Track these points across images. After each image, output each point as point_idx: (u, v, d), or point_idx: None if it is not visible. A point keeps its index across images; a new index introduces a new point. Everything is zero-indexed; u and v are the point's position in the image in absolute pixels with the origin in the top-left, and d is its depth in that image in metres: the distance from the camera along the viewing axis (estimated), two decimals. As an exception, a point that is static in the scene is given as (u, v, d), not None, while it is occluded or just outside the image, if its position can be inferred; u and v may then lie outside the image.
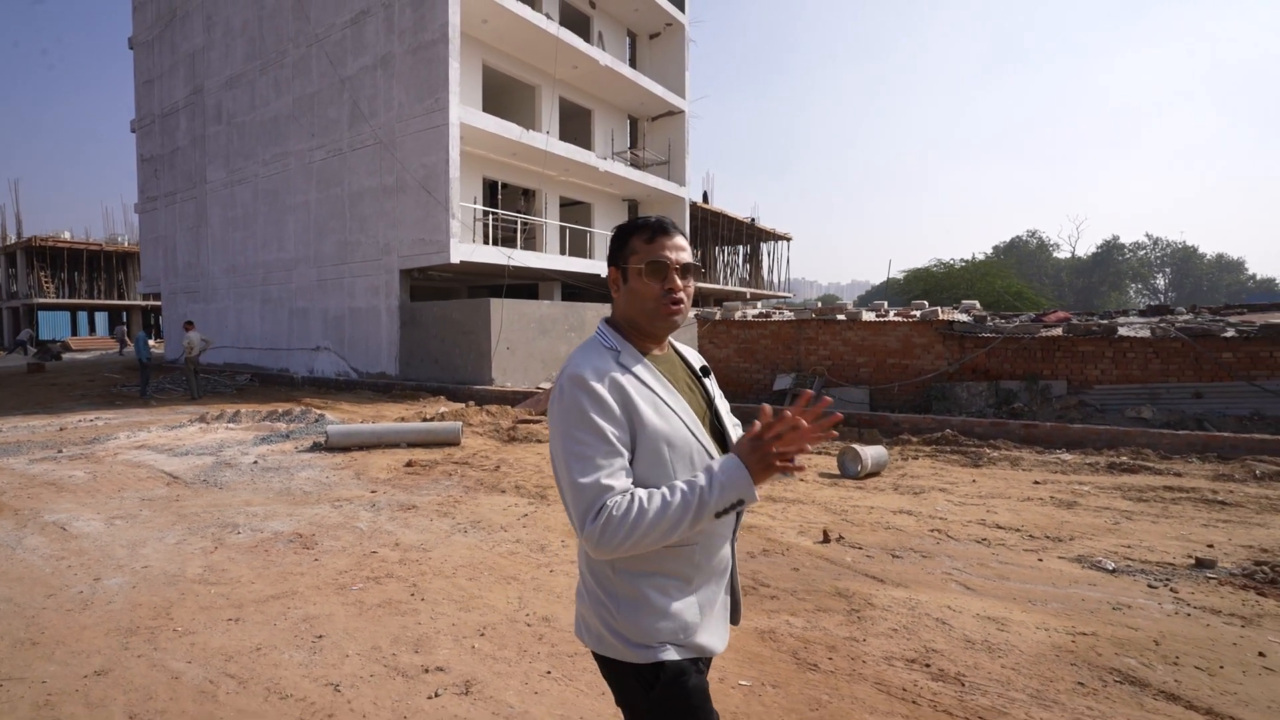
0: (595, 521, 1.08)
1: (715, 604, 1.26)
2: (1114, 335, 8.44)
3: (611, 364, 1.21)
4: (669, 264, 1.23)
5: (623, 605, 1.19)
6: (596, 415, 1.13)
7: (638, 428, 1.17)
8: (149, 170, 21.18)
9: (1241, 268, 69.69)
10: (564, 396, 1.17)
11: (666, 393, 1.23)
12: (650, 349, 1.29)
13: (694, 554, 1.21)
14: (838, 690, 2.46)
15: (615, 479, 1.11)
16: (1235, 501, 5.27)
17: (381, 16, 13.99)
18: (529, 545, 4.14)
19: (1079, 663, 2.68)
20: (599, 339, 1.27)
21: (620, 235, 1.30)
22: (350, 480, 5.99)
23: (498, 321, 12.64)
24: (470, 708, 2.33)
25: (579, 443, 1.12)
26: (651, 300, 1.23)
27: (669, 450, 1.18)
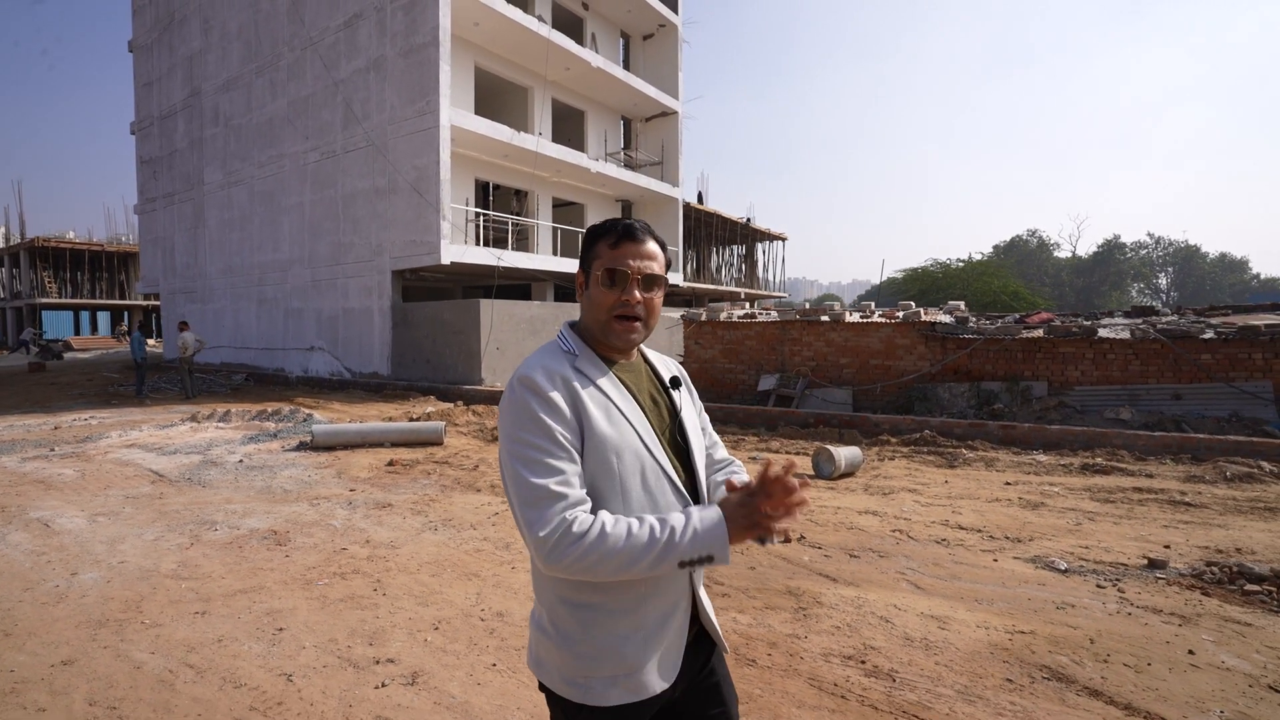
0: (547, 531, 1.01)
1: (665, 638, 1.14)
2: (1094, 337, 8.51)
3: (566, 367, 1.14)
4: (629, 273, 1.14)
5: (562, 635, 1.12)
6: (546, 416, 1.07)
7: (587, 433, 1.10)
8: (148, 172, 21.34)
9: (1245, 267, 69.55)
10: (512, 397, 1.11)
11: (622, 400, 1.16)
12: (613, 356, 1.21)
13: (642, 584, 1.11)
14: (770, 685, 2.55)
15: (568, 486, 1.04)
16: (1201, 503, 5.35)
17: (374, 20, 14.11)
18: (495, 543, 4.24)
19: (1011, 660, 2.77)
20: (558, 342, 1.21)
21: (589, 236, 1.22)
22: (331, 479, 6.10)
23: (487, 322, 12.74)
24: (414, 697, 2.43)
25: (528, 446, 1.06)
26: (604, 311, 1.16)
27: (617, 461, 1.11)
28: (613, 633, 1.10)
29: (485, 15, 14.48)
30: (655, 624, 1.12)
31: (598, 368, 1.17)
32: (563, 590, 1.12)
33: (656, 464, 1.15)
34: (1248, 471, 6.18)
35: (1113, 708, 2.44)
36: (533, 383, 1.09)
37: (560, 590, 1.12)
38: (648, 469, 1.13)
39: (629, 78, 18.55)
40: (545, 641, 1.15)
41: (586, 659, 1.11)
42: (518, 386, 1.11)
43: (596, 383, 1.14)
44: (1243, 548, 4.26)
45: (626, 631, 1.11)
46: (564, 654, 1.12)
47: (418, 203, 13.39)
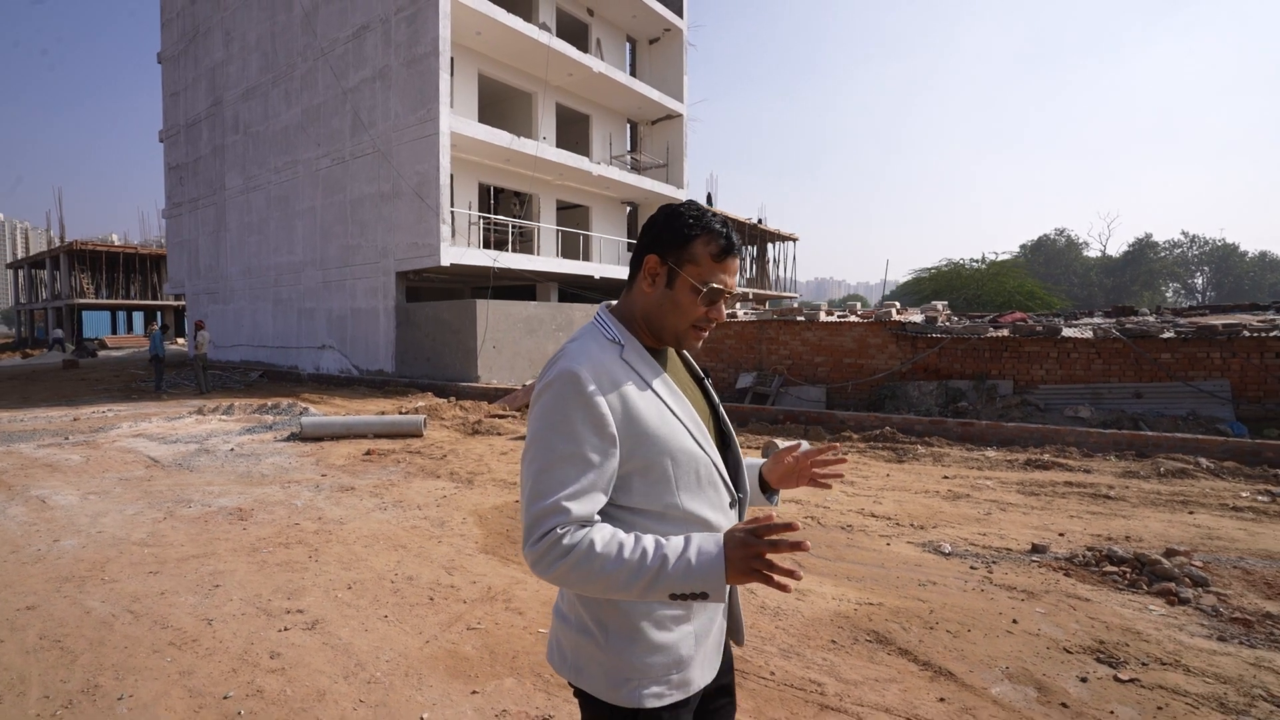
0: (538, 544, 0.98)
1: (710, 634, 1.14)
2: (1058, 336, 8.66)
3: (614, 360, 1.08)
4: (725, 293, 1.11)
5: (613, 637, 1.07)
6: (581, 423, 1.01)
7: (638, 440, 1.04)
8: (175, 178, 22.38)
9: (1287, 265, 67.32)
10: (550, 393, 1.03)
11: (672, 398, 1.11)
12: (655, 346, 1.16)
13: None
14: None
15: (576, 502, 0.99)
16: (1121, 496, 5.55)
17: (380, 31, 14.73)
18: (432, 521, 4.68)
19: (845, 626, 3.09)
20: (600, 329, 1.13)
21: (682, 228, 1.11)
22: (309, 466, 6.61)
23: (483, 322, 13.25)
24: (306, 638, 2.86)
25: (551, 451, 1.01)
26: (688, 321, 1.11)
27: (672, 465, 1.06)
28: (668, 630, 1.07)
29: (486, 25, 15.01)
30: (704, 624, 1.11)
31: (647, 362, 1.11)
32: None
33: (711, 462, 1.12)
34: (1182, 468, 6.34)
35: (913, 664, 2.76)
36: (576, 381, 1.02)
37: None
38: (701, 467, 1.10)
39: (632, 82, 18.94)
40: (586, 644, 1.09)
41: (640, 659, 1.06)
42: (558, 382, 1.03)
43: (647, 380, 1.09)
44: (1132, 536, 4.49)
45: (680, 629, 1.08)
46: (613, 656, 1.07)
47: (419, 207, 13.96)
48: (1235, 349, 7.88)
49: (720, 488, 1.13)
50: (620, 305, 1.17)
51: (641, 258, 1.13)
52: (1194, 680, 2.60)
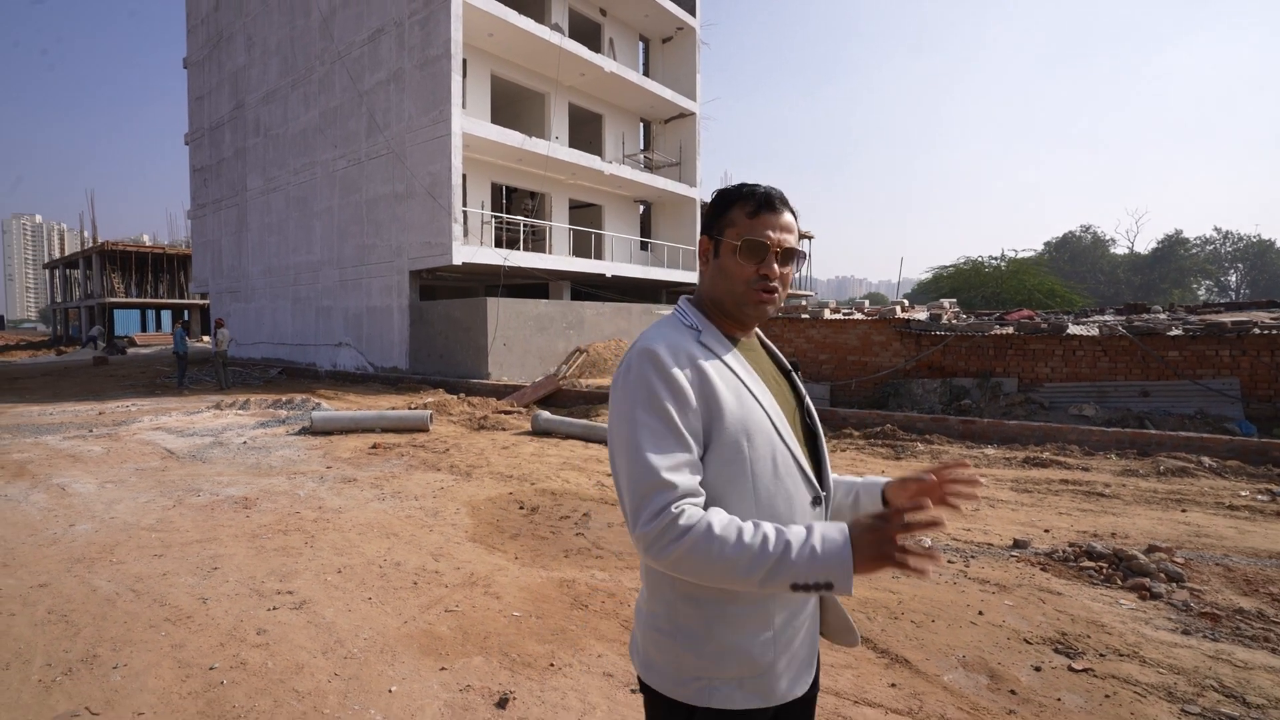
0: (653, 523, 0.94)
1: (797, 638, 1.07)
2: (1062, 334, 8.58)
3: (691, 342, 1.06)
4: (769, 245, 1.07)
5: (685, 633, 1.04)
6: (666, 397, 0.99)
7: (714, 416, 1.01)
8: (199, 180, 22.98)
9: (1326, 262, 65.37)
10: (630, 374, 1.03)
11: (751, 380, 1.08)
12: (735, 334, 1.14)
13: None
14: (587, 623, 3.04)
15: (680, 475, 0.96)
16: (1116, 494, 5.53)
17: (394, 34, 15.00)
18: (427, 511, 4.83)
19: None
20: (678, 316, 1.13)
21: (720, 201, 1.13)
22: (316, 458, 6.82)
23: (494, 320, 13.45)
24: (292, 616, 3.02)
25: (642, 427, 0.98)
26: (741, 283, 1.08)
27: (748, 445, 1.02)
28: (740, 631, 1.03)
29: (498, 26, 15.21)
30: (782, 623, 1.05)
31: (723, 345, 1.09)
32: (685, 585, 1.03)
33: (788, 449, 1.06)
34: (1183, 467, 6.28)
35: (872, 652, 2.83)
36: (656, 358, 1.01)
37: (682, 585, 1.04)
38: (778, 455, 1.05)
39: (643, 81, 19.04)
40: (661, 640, 1.06)
41: (710, 659, 1.03)
42: (638, 362, 1.03)
43: (724, 360, 1.07)
44: (1119, 533, 4.49)
45: (754, 630, 1.03)
46: (685, 653, 1.03)
47: (432, 206, 14.21)
48: (1245, 347, 7.76)
49: (800, 482, 1.07)
50: (695, 296, 1.18)
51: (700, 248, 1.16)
52: (1148, 671, 2.64)
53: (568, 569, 3.71)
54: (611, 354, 14.86)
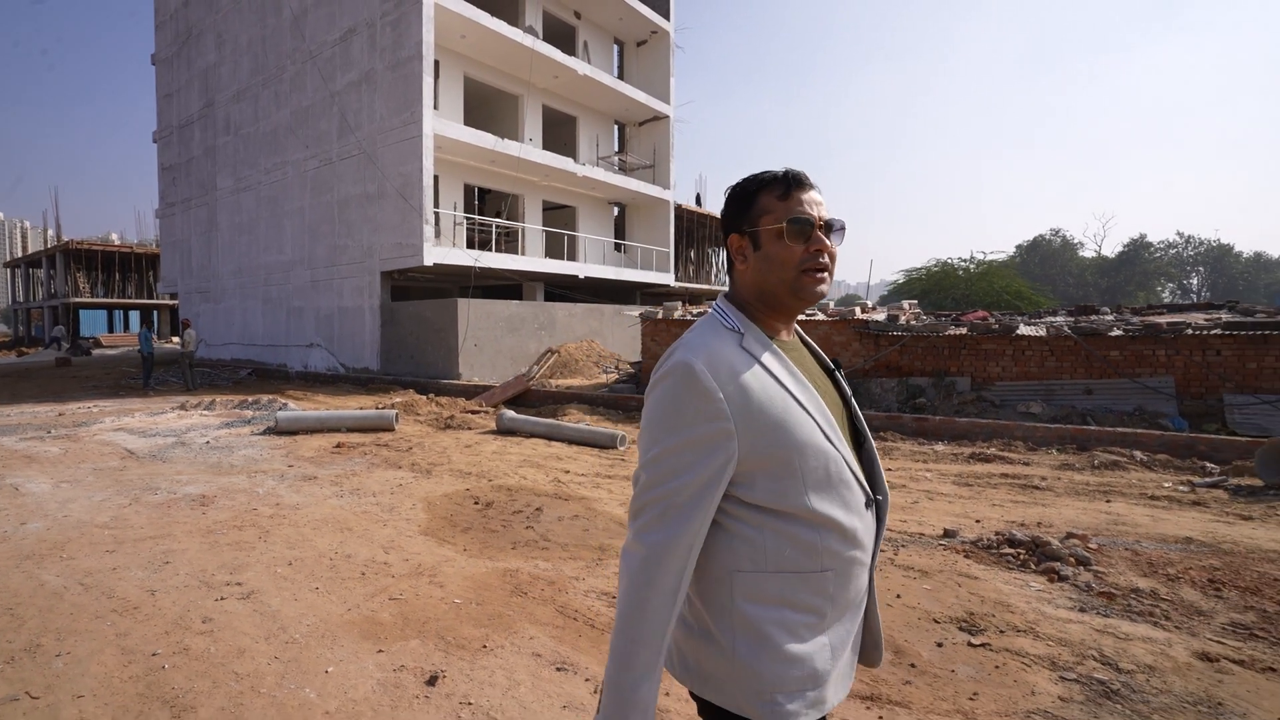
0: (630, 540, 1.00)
1: (846, 647, 1.08)
2: (1012, 334, 8.91)
3: (733, 349, 1.02)
4: (814, 221, 1.04)
5: (740, 643, 1.00)
6: (694, 417, 0.97)
7: (759, 431, 0.98)
8: (168, 178, 22.65)
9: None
10: (664, 385, 1.00)
11: (799, 388, 1.03)
12: (779, 332, 1.11)
13: (828, 583, 1.02)
14: (524, 609, 3.18)
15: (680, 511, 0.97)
16: (1049, 487, 5.80)
17: (366, 35, 14.99)
18: (383, 507, 4.94)
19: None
20: (719, 318, 1.08)
21: (744, 194, 1.09)
22: (278, 457, 6.87)
23: (464, 320, 13.51)
24: (238, 606, 3.13)
25: (660, 444, 0.99)
26: (793, 267, 1.04)
27: (799, 460, 0.99)
28: (801, 640, 1.01)
29: (471, 29, 15.27)
30: (840, 635, 1.06)
31: (769, 350, 1.05)
32: (745, 592, 1.01)
33: (840, 456, 1.04)
34: (1115, 460, 6.60)
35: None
36: (691, 373, 0.98)
37: (741, 592, 1.01)
38: (831, 464, 1.02)
39: (617, 84, 19.19)
40: (710, 651, 1.03)
41: (773, 670, 0.99)
42: (673, 374, 1.00)
43: (770, 369, 1.02)
44: (1044, 522, 4.74)
45: (815, 639, 1.02)
46: (743, 666, 1.00)
47: (403, 207, 14.22)
48: (1179, 346, 8.13)
49: (854, 487, 1.05)
50: (731, 295, 1.12)
51: (728, 245, 1.11)
52: (1039, 644, 2.86)
53: (513, 559, 3.85)
54: (583, 354, 15.00)
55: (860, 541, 1.05)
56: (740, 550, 1.01)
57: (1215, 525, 4.68)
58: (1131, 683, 2.54)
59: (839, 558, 1.02)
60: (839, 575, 1.02)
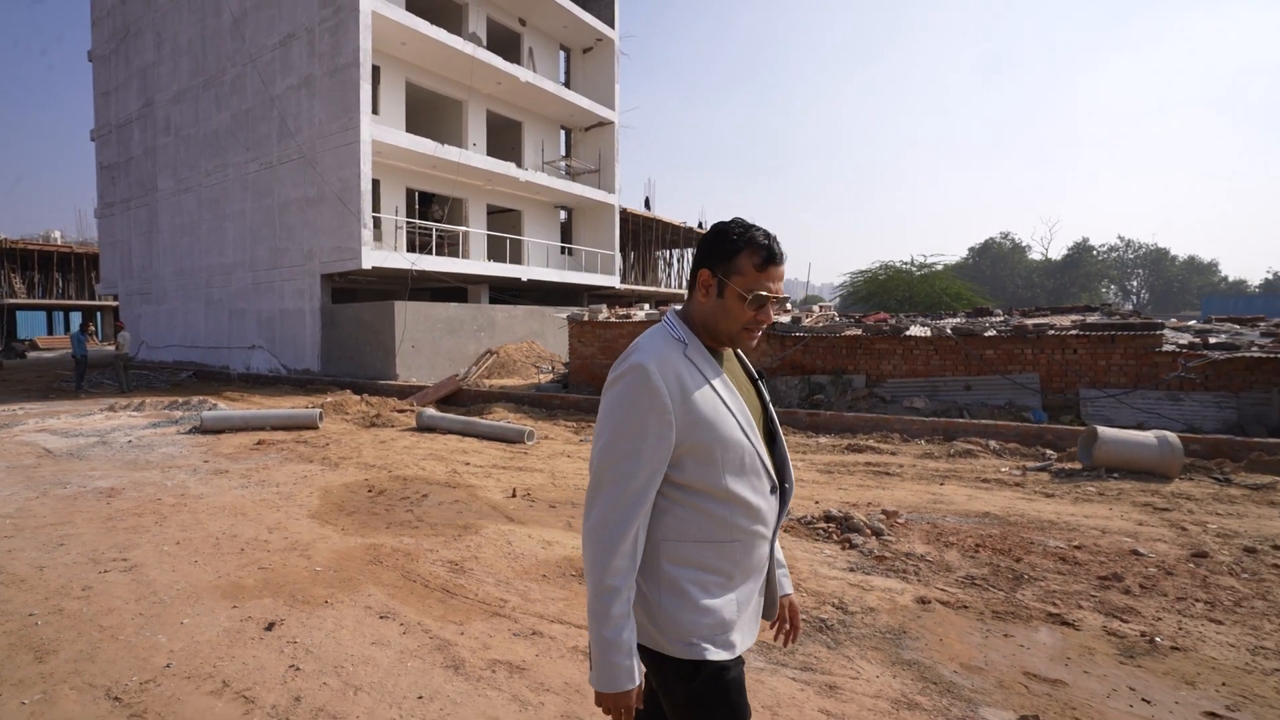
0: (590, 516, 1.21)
1: (751, 602, 1.31)
2: (901, 335, 9.69)
3: (678, 357, 1.24)
4: (769, 300, 1.26)
5: (665, 597, 1.24)
6: (645, 410, 1.19)
7: (691, 424, 1.20)
8: (107, 178, 22.34)
9: (1213, 270, 71.42)
10: (623, 382, 1.22)
11: (727, 393, 1.27)
12: (717, 348, 1.32)
13: (735, 551, 1.26)
14: (374, 574, 3.68)
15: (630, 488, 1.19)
16: (900, 473, 6.50)
17: (305, 40, 15.19)
18: (281, 495, 5.37)
19: (565, 567, 3.87)
20: (668, 329, 1.30)
21: (728, 243, 1.27)
22: (197, 454, 7.20)
23: (401, 323, 13.85)
24: (119, 577, 3.56)
25: (615, 433, 1.20)
26: (739, 325, 1.27)
27: (720, 450, 1.22)
28: (714, 595, 1.25)
29: (411, 36, 15.59)
30: (745, 593, 1.29)
31: (707, 360, 1.27)
32: (670, 557, 1.24)
33: (754, 449, 1.27)
34: (969, 449, 7.37)
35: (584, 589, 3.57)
36: (645, 374, 1.19)
37: (667, 557, 1.24)
38: (746, 456, 1.25)
39: (560, 90, 19.67)
40: (642, 606, 1.25)
41: (693, 620, 1.23)
42: (630, 374, 1.21)
43: (705, 375, 1.25)
44: (874, 502, 5.40)
45: (725, 595, 1.26)
46: (668, 617, 1.23)
47: (342, 212, 14.48)
48: (1043, 346, 9.00)
49: (763, 475, 1.28)
50: (684, 310, 1.35)
51: (696, 272, 1.30)
52: (797, 595, 3.47)
53: (383, 536, 4.34)
54: (522, 355, 15.45)
55: (764, 519, 1.29)
56: (667, 523, 1.24)
57: (1018, 502, 5.41)
58: (848, 620, 3.17)
59: (745, 531, 1.26)
60: (744, 545, 1.26)
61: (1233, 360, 8.04)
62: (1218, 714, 2.41)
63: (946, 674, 2.67)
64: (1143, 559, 4.05)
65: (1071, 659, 2.79)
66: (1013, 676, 2.65)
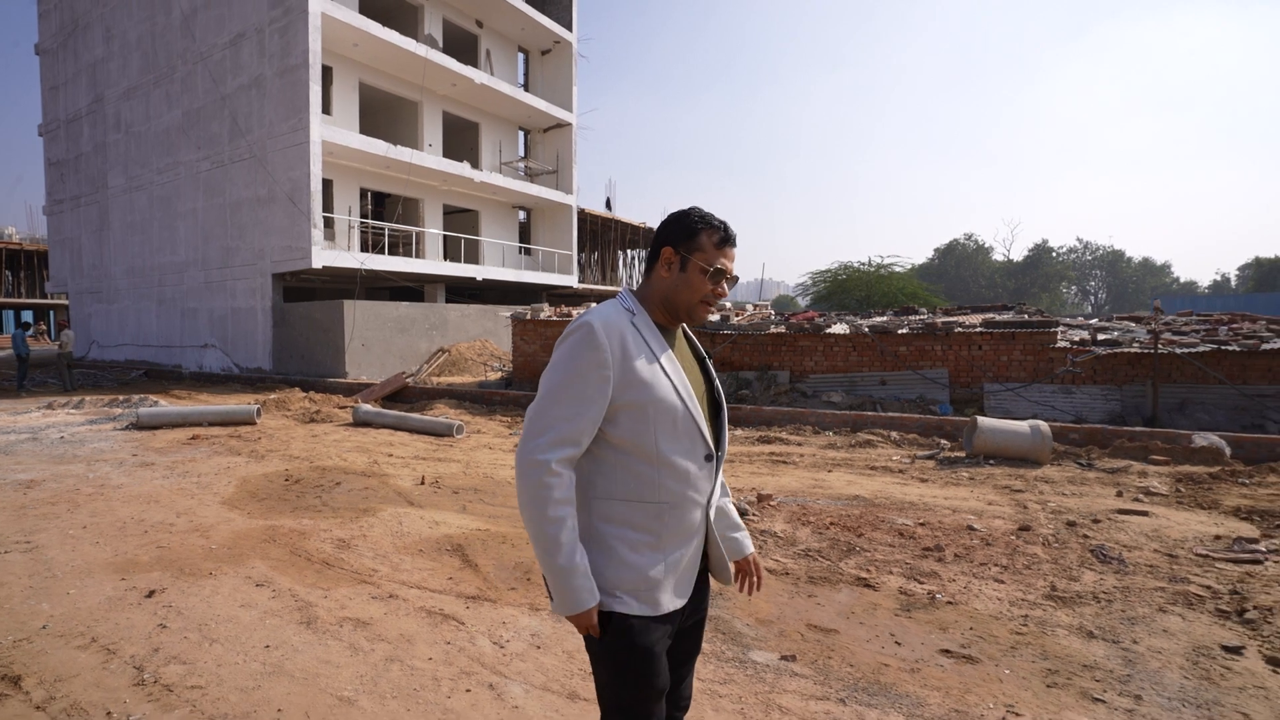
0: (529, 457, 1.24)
1: (681, 565, 1.34)
2: (822, 332, 10.21)
3: (625, 323, 1.31)
4: (727, 274, 1.37)
5: (592, 548, 1.29)
6: (587, 365, 1.25)
7: (627, 383, 1.27)
8: (56, 174, 22.03)
9: (1166, 271, 74.10)
10: (570, 339, 1.28)
11: (666, 359, 1.33)
12: (667, 325, 1.40)
13: (663, 513, 1.31)
14: (263, 551, 4.01)
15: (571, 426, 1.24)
16: (795, 462, 6.96)
17: (255, 40, 15.26)
18: (200, 485, 5.64)
19: (444, 543, 4.22)
20: (620, 301, 1.38)
21: (690, 224, 1.37)
22: (128, 448, 7.40)
23: (350, 321, 14.04)
24: (19, 556, 3.83)
25: (561, 384, 1.26)
26: (698, 296, 1.36)
27: (654, 410, 1.28)
28: (639, 554, 1.29)
29: (362, 38, 15.75)
30: (675, 556, 1.33)
31: (652, 330, 1.35)
32: (599, 513, 1.31)
33: (691, 416, 1.32)
34: (870, 440, 7.88)
35: (458, 561, 3.90)
36: (591, 332, 1.26)
37: (597, 513, 1.31)
38: (680, 420, 1.31)
39: (516, 92, 19.94)
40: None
41: (614, 573, 1.28)
42: (576, 330, 1.28)
43: (648, 341, 1.32)
44: (756, 487, 5.84)
45: (652, 555, 1.30)
46: (593, 569, 1.28)
47: (292, 211, 14.60)
48: (951, 343, 9.58)
49: (699, 441, 1.34)
50: (640, 289, 1.42)
51: (658, 251, 1.39)
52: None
53: (284, 519, 4.66)
54: (474, 354, 15.72)
55: (696, 484, 1.34)
56: (597, 481, 1.32)
57: (891, 486, 5.90)
58: (680, 581, 3.58)
59: (675, 494, 1.31)
60: (674, 508, 1.31)
61: (1116, 355, 8.68)
62: (951, 650, 2.86)
63: (739, 626, 3.09)
64: (975, 533, 4.54)
65: (855, 614, 3.24)
66: (795, 628, 3.08)
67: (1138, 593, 3.48)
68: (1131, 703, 2.45)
